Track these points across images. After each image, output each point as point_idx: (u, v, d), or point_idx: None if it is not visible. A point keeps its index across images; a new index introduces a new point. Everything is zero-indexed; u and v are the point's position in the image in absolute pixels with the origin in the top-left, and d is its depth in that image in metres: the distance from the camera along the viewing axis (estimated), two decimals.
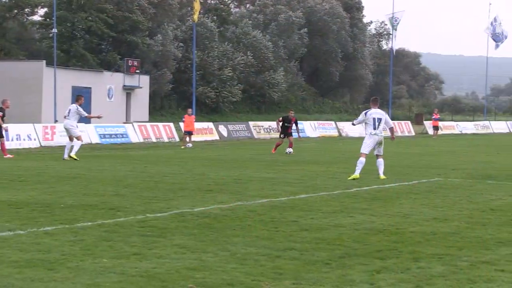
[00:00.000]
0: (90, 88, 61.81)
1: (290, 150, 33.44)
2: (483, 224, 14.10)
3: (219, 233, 12.67)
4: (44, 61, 59.64)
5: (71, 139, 30.75)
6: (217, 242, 11.84)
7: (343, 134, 64.86)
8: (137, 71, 67.92)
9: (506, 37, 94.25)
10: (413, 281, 9.37)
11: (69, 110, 30.89)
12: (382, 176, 23.09)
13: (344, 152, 38.81)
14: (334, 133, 64.80)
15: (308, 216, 14.88)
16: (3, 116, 32.50)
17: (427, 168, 27.99)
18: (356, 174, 22.85)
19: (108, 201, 16.86)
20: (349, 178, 22.71)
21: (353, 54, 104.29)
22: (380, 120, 23.31)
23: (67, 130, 31.10)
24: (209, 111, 76.32)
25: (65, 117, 31.06)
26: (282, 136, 37.18)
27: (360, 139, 26.23)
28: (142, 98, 69.30)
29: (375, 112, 23.55)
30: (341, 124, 68.11)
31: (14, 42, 69.68)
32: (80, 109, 30.72)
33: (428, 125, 73.29)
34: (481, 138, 63.96)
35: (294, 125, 37.24)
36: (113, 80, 65.48)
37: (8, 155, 31.66)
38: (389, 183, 21.88)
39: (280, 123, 37.58)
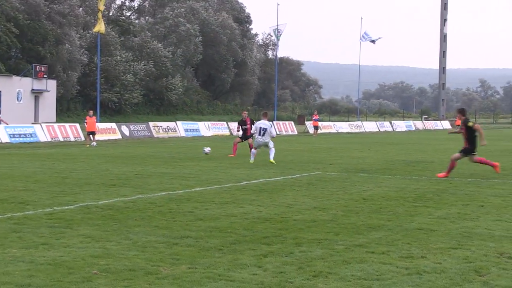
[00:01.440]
0: (0, 91, 60.54)
1: (254, 151, 28.99)
2: (357, 212, 14.35)
3: (121, 224, 12.59)
4: None
5: None
6: (119, 232, 11.75)
7: (234, 133, 65.09)
8: (45, 76, 66.83)
9: (380, 38, 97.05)
10: (296, 264, 9.47)
11: None
12: (271, 160, 27.01)
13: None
14: (226, 132, 65.01)
15: (202, 207, 14.89)
16: None
17: (308, 163, 28.26)
18: (252, 160, 27.35)
19: (17, 196, 16.53)
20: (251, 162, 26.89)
21: (242, 62, 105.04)
22: (265, 130, 27.51)
23: None
24: (113, 112, 75.68)
25: None
26: (242, 140, 33.54)
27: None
28: (49, 100, 68.23)
29: (262, 123, 27.95)
30: (232, 124, 68.40)
31: None
32: None
33: (309, 125, 74.20)
34: (355, 136, 64.96)
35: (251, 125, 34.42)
36: (21, 84, 64.27)
37: None
38: (274, 176, 22.05)
39: (239, 129, 34.33)
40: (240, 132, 34.10)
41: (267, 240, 11.13)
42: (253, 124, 33.02)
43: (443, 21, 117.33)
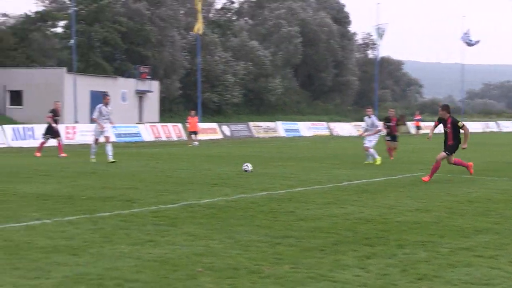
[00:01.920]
0: (105, 92, 61.73)
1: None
2: (462, 215, 14.10)
3: (224, 223, 12.66)
4: (65, 68, 59.67)
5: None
6: (222, 231, 11.83)
7: (334, 133, 64.86)
8: (148, 77, 67.94)
9: (478, 42, 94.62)
10: (399, 266, 9.36)
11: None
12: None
13: (335, 149, 38.80)
14: (326, 132, 64.81)
15: (304, 207, 14.87)
16: (54, 116, 32.20)
17: (410, 163, 27.98)
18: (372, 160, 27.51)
19: (124, 194, 16.86)
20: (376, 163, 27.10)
21: (342, 61, 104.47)
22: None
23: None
24: (213, 113, 76.29)
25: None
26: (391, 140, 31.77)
27: (350, 138, 26.28)
28: (153, 101, 69.36)
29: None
30: (332, 124, 68.17)
31: (38, 51, 69.60)
32: (98, 108, 27.57)
33: (410, 125, 73.33)
34: None
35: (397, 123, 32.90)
36: (126, 85, 65.50)
37: (63, 154, 31.01)
38: (376, 177, 21.89)
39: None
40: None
41: (369, 241, 11.04)
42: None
43: None
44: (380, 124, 28.69)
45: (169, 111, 74.28)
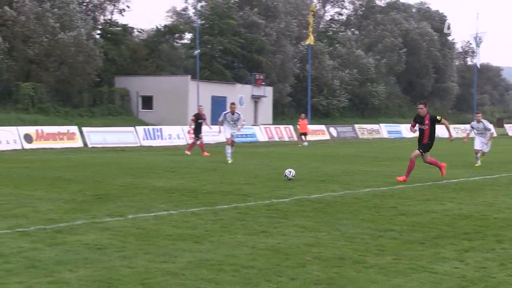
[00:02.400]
0: (225, 97, 62.52)
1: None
2: None
3: (331, 216, 12.62)
4: (189, 76, 60.64)
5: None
6: (329, 223, 11.79)
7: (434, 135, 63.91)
8: (263, 83, 68.39)
9: None
10: (497, 260, 9.12)
11: None
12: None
13: (434, 150, 38.11)
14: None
15: (405, 203, 14.68)
16: (197, 119, 32.26)
17: (508, 163, 27.22)
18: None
19: (240, 189, 17.01)
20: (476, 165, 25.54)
21: (442, 68, 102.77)
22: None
23: None
24: (321, 116, 76.15)
25: None
26: None
27: (443, 139, 25.67)
28: (266, 105, 69.74)
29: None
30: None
31: (166, 61, 71.06)
32: (223, 114, 27.04)
33: (508, 127, 71.51)
34: None
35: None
36: (243, 91, 66.11)
37: (206, 154, 30.88)
38: (473, 176, 21.41)
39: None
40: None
41: (467, 236, 10.79)
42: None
43: None
44: (492, 128, 27.73)
45: (281, 114, 74.55)
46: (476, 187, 18.16)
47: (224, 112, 27.15)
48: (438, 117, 19.81)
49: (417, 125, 19.79)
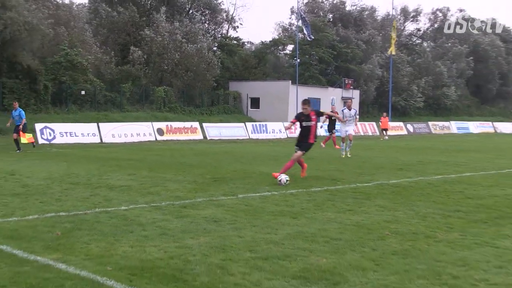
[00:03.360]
0: (319, 98, 62.34)
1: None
2: None
3: (406, 198, 12.46)
4: (290, 81, 60.70)
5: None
6: (405, 204, 11.65)
7: (498, 131, 61.74)
8: (351, 87, 67.74)
9: None
10: None
11: None
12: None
13: (499, 144, 36.93)
14: (491, 130, 61.86)
15: (471, 188, 14.32)
16: (330, 117, 29.60)
17: None
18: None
19: (331, 174, 16.98)
20: None
21: (507, 74, 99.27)
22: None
23: None
24: (400, 114, 74.66)
25: None
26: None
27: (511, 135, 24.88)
28: (354, 105, 68.84)
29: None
30: (496, 124, 64.97)
31: (271, 68, 71.47)
32: (342, 111, 24.82)
33: None
34: None
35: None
36: (334, 93, 65.63)
37: (337, 147, 29.13)
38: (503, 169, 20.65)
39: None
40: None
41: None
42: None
43: None
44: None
45: (366, 112, 73.53)
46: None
47: (342, 109, 24.72)
48: (321, 110, 17.25)
49: (302, 123, 15.44)
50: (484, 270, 6.99)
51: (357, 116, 25.72)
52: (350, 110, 24.44)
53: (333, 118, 30.45)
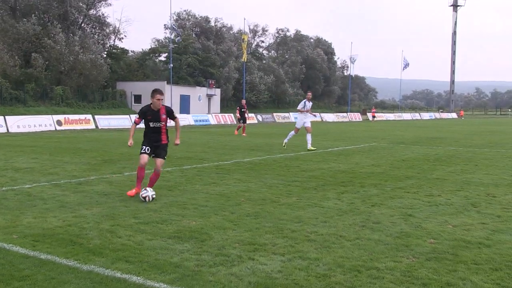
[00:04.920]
0: (189, 95, 62.06)
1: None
2: (398, 168, 13.98)
3: (257, 172, 12.69)
4: (165, 81, 59.78)
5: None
6: (256, 177, 11.86)
7: (323, 120, 64.33)
8: (214, 86, 67.83)
9: (408, 64, 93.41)
10: (361, 198, 9.33)
11: None
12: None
13: (324, 129, 38.52)
14: (319, 119, 64.29)
15: (305, 163, 14.85)
16: (241, 109, 29.90)
17: (368, 138, 27.70)
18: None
19: (198, 155, 16.93)
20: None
21: (329, 78, 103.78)
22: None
23: None
24: (252, 107, 75.91)
25: None
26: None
27: (332, 123, 26.00)
28: (216, 100, 69.17)
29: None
30: (322, 115, 67.63)
31: (150, 71, 70.06)
32: (303, 102, 19.84)
33: (369, 115, 72.72)
34: (397, 122, 63.25)
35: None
36: (201, 91, 65.42)
37: (244, 134, 28.21)
38: (347, 146, 21.71)
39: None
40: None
41: (343, 183, 11.01)
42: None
43: (453, 52, 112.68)
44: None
45: (226, 106, 74.09)
46: (349, 153, 18.47)
47: (304, 100, 19.78)
48: (174, 114, 9.62)
49: (150, 123, 9.24)
50: (314, 224, 7.28)
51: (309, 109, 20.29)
52: (309, 102, 19.85)
53: (242, 110, 30.14)
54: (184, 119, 44.88)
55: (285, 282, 4.92)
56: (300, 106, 19.81)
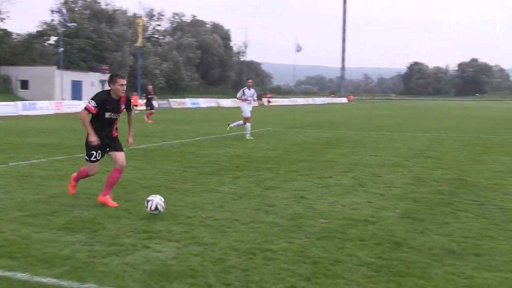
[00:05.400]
0: (81, 81, 59.57)
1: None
2: (291, 151, 14.38)
3: (152, 159, 12.50)
4: (55, 66, 56.91)
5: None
6: (151, 164, 11.68)
7: (220, 105, 64.65)
8: (107, 71, 65.67)
9: (301, 49, 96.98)
10: (256, 182, 9.49)
11: None
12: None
13: (222, 114, 38.71)
14: (215, 104, 64.53)
15: (200, 149, 14.83)
16: (148, 95, 30.21)
17: (264, 123, 28.15)
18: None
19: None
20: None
21: (225, 63, 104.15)
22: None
23: None
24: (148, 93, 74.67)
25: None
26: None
27: (230, 108, 26.13)
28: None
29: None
30: (218, 100, 67.94)
31: (38, 55, 66.10)
32: (242, 90, 19.08)
33: (264, 100, 74.04)
34: (292, 107, 64.99)
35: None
36: (94, 76, 63.02)
37: (149, 121, 27.62)
38: (242, 131, 21.93)
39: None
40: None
41: (239, 168, 11.13)
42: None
43: (343, 39, 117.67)
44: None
45: None
46: (244, 137, 18.64)
47: (243, 89, 19.07)
48: (132, 106, 8.00)
49: (106, 113, 7.40)
50: (209, 209, 7.30)
51: (256, 98, 20.11)
52: (249, 89, 18.93)
53: (149, 96, 29.52)
54: (76, 106, 42.97)
55: (180, 268, 4.89)
56: (239, 95, 19.03)
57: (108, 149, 7.61)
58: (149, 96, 30.28)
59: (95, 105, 7.21)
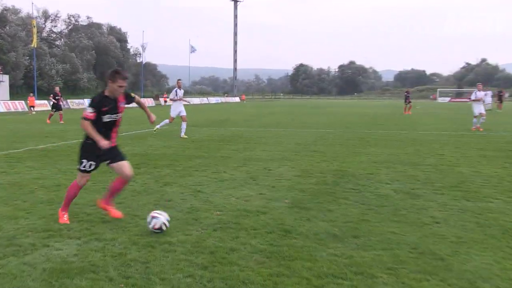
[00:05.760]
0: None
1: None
2: (188, 148, 14.29)
3: (52, 159, 11.89)
4: None
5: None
6: (50, 164, 11.11)
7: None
8: (2, 72, 61.13)
9: (195, 50, 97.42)
10: (154, 178, 9.35)
11: None
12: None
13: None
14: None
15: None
16: (55, 96, 28.07)
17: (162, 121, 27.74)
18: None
19: None
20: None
21: (122, 64, 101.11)
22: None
23: None
24: (45, 94, 70.22)
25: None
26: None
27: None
28: (4, 87, 62.36)
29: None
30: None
31: None
32: (174, 91, 18.33)
33: (161, 100, 72.65)
34: (188, 107, 64.54)
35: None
36: None
37: (62, 122, 26.23)
38: (142, 129, 21.45)
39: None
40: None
41: (138, 166, 10.85)
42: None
43: (235, 42, 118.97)
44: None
45: (16, 93, 67.40)
46: (143, 136, 18.21)
47: (175, 89, 18.27)
48: (133, 94, 6.62)
49: (106, 115, 6.15)
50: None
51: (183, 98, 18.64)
52: (180, 89, 18.24)
53: (56, 97, 27.97)
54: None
55: (81, 264, 4.72)
56: (172, 96, 18.28)
57: (109, 161, 6.27)
58: (57, 97, 28.80)
59: (92, 111, 6.04)
